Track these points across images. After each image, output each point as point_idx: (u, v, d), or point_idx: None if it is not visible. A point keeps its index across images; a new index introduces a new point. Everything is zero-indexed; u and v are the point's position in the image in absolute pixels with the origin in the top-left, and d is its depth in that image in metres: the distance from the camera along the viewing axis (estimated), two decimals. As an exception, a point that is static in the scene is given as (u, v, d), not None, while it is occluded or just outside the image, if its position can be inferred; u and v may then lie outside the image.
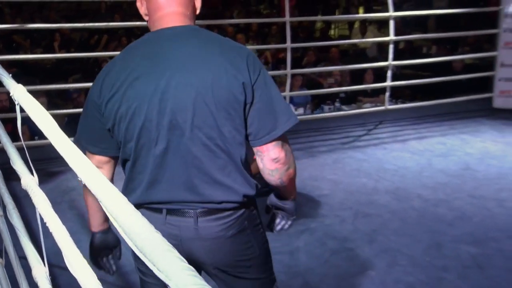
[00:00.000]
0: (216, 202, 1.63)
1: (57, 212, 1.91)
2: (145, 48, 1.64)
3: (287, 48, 6.24)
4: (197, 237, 1.64)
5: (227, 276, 1.75)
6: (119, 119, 1.62)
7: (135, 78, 1.58)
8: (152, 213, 1.66)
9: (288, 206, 1.88)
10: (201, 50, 1.59)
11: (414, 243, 3.46)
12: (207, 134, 1.58)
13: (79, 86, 6.18)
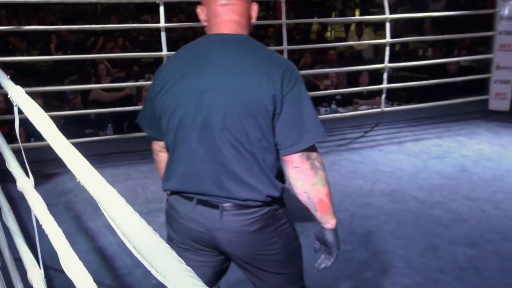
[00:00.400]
0: (240, 199, 1.74)
1: (53, 214, 1.91)
2: (195, 50, 1.81)
3: (284, 50, 6.25)
4: (221, 228, 1.77)
5: (250, 267, 1.87)
6: (164, 112, 1.80)
7: (181, 76, 1.75)
8: (184, 200, 1.82)
9: (328, 238, 1.88)
10: (242, 58, 1.73)
11: (410, 245, 3.46)
12: (235, 136, 1.71)
13: (75, 88, 6.18)
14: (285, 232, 1.87)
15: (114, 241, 3.45)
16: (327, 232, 1.87)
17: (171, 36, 9.94)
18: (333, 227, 1.86)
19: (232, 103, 1.69)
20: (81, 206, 4.06)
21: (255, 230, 1.78)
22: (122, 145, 5.62)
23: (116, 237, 3.39)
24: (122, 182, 4.62)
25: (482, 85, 7.00)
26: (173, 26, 8.31)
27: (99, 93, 6.70)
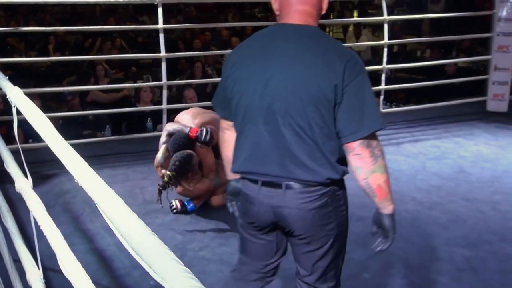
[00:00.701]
0: (302, 180, 1.87)
1: (51, 215, 1.91)
2: (264, 38, 1.92)
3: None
4: (284, 206, 1.90)
5: (303, 244, 1.99)
6: (232, 96, 1.94)
7: (249, 63, 1.88)
8: (250, 183, 1.96)
9: (385, 222, 1.99)
10: (307, 49, 1.83)
11: (408, 246, 3.46)
12: (298, 123, 1.82)
13: (73, 89, 6.18)
14: (341, 214, 2.00)
15: (112, 242, 3.45)
16: (384, 216, 1.98)
17: (169, 37, 9.96)
18: (390, 212, 1.98)
19: (295, 92, 1.80)
20: (79, 207, 4.06)
21: (315, 208, 1.90)
22: (120, 146, 5.61)
23: (114, 238, 3.39)
24: (120, 183, 4.62)
25: (480, 86, 7.02)
26: (171, 27, 8.31)
27: (97, 94, 6.69)
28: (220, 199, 4.08)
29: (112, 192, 0.94)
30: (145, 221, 1.06)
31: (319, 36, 1.90)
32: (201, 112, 4.19)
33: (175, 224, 3.84)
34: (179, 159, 3.64)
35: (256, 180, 1.94)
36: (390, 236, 2.00)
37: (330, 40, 1.93)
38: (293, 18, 1.88)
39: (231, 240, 3.58)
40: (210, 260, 3.32)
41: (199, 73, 7.32)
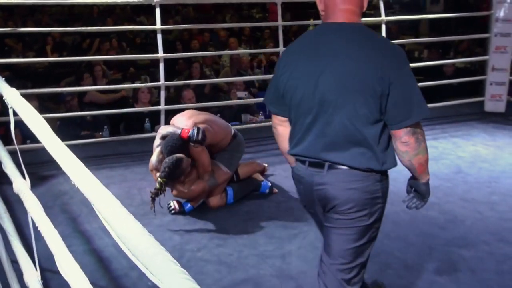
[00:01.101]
0: (343, 165, 2.06)
1: (49, 216, 1.91)
2: (313, 37, 2.11)
3: (280, 52, 6.26)
4: (325, 183, 2.10)
5: (336, 224, 2.16)
6: (286, 92, 2.15)
7: (301, 61, 2.08)
8: (300, 163, 2.20)
9: (421, 188, 2.25)
10: (354, 45, 2.00)
11: (406, 247, 3.47)
12: (346, 113, 2.00)
13: (71, 90, 6.16)
14: (376, 207, 2.14)
15: (109, 243, 3.45)
16: (421, 184, 2.25)
17: (167, 38, 9.96)
18: (426, 181, 2.24)
19: (344, 85, 1.98)
20: (77, 208, 4.06)
21: (354, 188, 2.07)
22: (118, 147, 5.61)
23: (111, 239, 3.38)
24: (118, 184, 4.62)
25: (478, 87, 7.02)
26: (169, 28, 8.32)
27: (94, 95, 6.68)
28: (218, 200, 4.08)
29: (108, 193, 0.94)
30: (143, 222, 1.06)
31: (364, 32, 2.05)
32: (196, 114, 4.18)
33: (173, 225, 3.84)
34: (168, 165, 3.62)
35: (304, 161, 2.17)
36: (426, 198, 2.28)
37: (374, 35, 2.08)
38: (339, 17, 2.05)
39: (229, 241, 3.58)
40: (208, 261, 3.32)
41: (197, 73, 7.32)
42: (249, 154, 5.10)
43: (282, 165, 5.07)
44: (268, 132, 6.14)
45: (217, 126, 4.09)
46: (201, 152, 3.85)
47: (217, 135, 4.03)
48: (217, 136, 4.02)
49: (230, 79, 7.30)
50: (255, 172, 4.52)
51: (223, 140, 4.11)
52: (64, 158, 1.12)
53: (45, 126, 1.30)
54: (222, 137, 4.10)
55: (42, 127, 1.33)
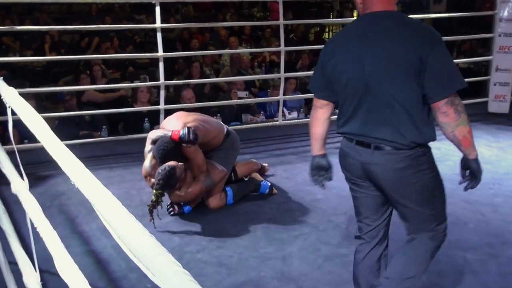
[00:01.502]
0: (389, 142, 2.27)
1: (47, 216, 1.91)
2: (356, 26, 2.38)
3: (281, 52, 6.26)
4: (373, 163, 2.33)
5: (394, 201, 2.41)
6: (334, 76, 2.39)
7: (346, 48, 2.34)
8: (347, 141, 2.43)
9: (472, 165, 2.40)
10: (393, 30, 2.25)
11: (408, 249, 3.46)
12: (390, 92, 2.23)
13: (70, 89, 6.16)
14: (426, 177, 2.33)
15: (108, 244, 3.45)
16: (471, 161, 2.39)
17: (168, 37, 9.96)
18: (475, 157, 2.39)
19: (387, 66, 2.22)
20: (75, 209, 4.06)
21: (399, 168, 2.28)
22: (117, 147, 5.61)
23: (110, 240, 3.39)
24: (117, 184, 4.62)
25: (481, 88, 7.02)
26: (169, 27, 8.32)
27: (92, 94, 6.69)
28: (217, 201, 4.08)
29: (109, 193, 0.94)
30: (142, 223, 1.06)
31: (401, 18, 2.31)
32: (185, 115, 4.18)
33: (172, 226, 3.84)
34: (162, 176, 3.61)
35: (352, 139, 2.39)
36: (478, 177, 2.42)
37: (411, 20, 2.32)
38: (377, 6, 2.30)
39: (229, 242, 3.59)
40: (208, 263, 3.33)
41: (197, 73, 7.32)
42: (250, 155, 5.10)
43: (283, 166, 5.08)
44: (268, 133, 6.20)
45: (208, 124, 4.09)
46: (195, 152, 3.85)
47: (209, 132, 4.03)
48: (209, 134, 4.02)
49: (231, 78, 7.30)
50: (253, 171, 4.53)
51: (215, 138, 4.10)
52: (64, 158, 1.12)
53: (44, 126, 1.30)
54: (214, 135, 4.09)
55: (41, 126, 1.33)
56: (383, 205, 2.53)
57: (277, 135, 6.14)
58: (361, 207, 2.59)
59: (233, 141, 4.24)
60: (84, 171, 1.04)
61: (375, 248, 2.61)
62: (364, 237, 2.62)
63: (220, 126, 4.25)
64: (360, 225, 2.63)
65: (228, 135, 4.21)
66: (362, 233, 2.63)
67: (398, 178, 2.31)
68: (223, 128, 4.24)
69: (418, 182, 2.32)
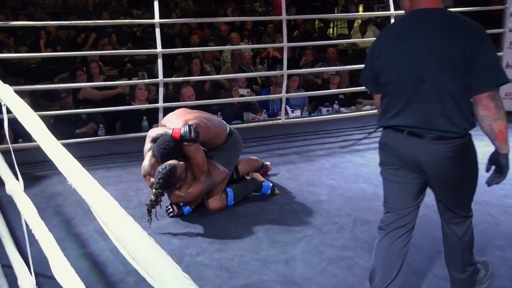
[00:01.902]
0: (442, 131, 2.45)
1: (43, 218, 1.92)
2: (406, 22, 2.58)
3: (284, 48, 6.26)
4: (426, 153, 2.49)
5: (440, 186, 2.60)
6: (384, 69, 2.57)
7: (397, 43, 2.52)
8: (395, 132, 2.58)
9: (502, 161, 2.60)
10: (442, 25, 2.45)
11: (415, 251, 3.46)
12: (442, 85, 2.43)
13: (65, 86, 6.17)
14: (473, 161, 2.59)
15: (105, 247, 3.45)
16: (502, 156, 2.59)
17: (168, 33, 9.96)
18: (507, 153, 2.59)
19: (438, 60, 2.41)
20: (71, 210, 4.07)
21: (451, 157, 2.47)
22: (114, 146, 5.62)
23: (107, 243, 3.40)
24: (114, 185, 4.63)
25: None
26: (168, 22, 8.32)
27: (89, 91, 6.70)
28: (217, 202, 4.08)
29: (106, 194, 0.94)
30: (141, 225, 1.07)
31: (449, 14, 2.51)
32: (186, 112, 4.18)
33: (172, 228, 3.84)
34: (162, 175, 3.62)
35: (402, 131, 2.54)
36: (505, 172, 2.61)
37: (458, 15, 2.50)
38: (425, 3, 2.49)
39: (230, 245, 3.59)
40: (208, 266, 3.33)
41: (197, 70, 7.33)
42: (251, 154, 5.10)
43: (286, 166, 5.08)
44: (271, 132, 6.20)
45: (210, 122, 4.09)
46: (196, 151, 3.85)
47: (210, 130, 4.03)
48: (210, 132, 4.02)
49: (232, 75, 7.31)
50: (254, 168, 4.52)
51: (217, 137, 4.10)
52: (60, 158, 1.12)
53: (40, 124, 1.31)
54: (216, 134, 4.09)
55: (36, 125, 1.33)
56: (418, 196, 2.68)
57: (280, 134, 6.14)
58: (396, 196, 2.71)
59: (236, 141, 4.24)
60: (80, 171, 1.04)
61: (403, 236, 2.73)
62: (392, 226, 2.73)
63: (222, 124, 4.25)
64: (390, 214, 2.74)
65: (230, 134, 4.21)
66: (390, 222, 2.73)
67: (450, 165, 2.49)
68: (225, 127, 4.24)
69: (467, 168, 2.57)
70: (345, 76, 7.97)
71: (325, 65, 8.18)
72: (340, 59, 8.84)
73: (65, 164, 1.10)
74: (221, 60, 8.87)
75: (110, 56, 8.51)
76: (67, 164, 1.10)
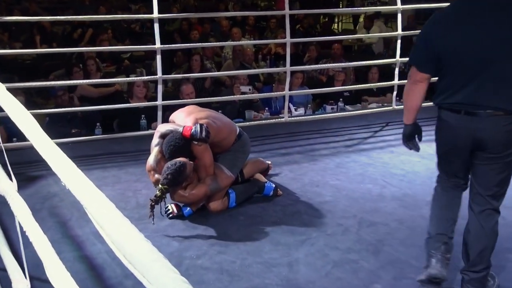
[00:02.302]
0: (501, 108, 2.72)
1: (37, 220, 1.92)
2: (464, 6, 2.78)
3: (287, 43, 6.26)
4: (483, 128, 2.76)
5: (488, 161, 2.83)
6: (445, 52, 2.80)
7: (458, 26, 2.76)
8: (451, 112, 2.84)
9: None
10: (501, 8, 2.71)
11: (423, 254, 3.45)
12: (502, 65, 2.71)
13: (61, 84, 6.17)
14: None
15: (103, 250, 3.46)
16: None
17: (168, 29, 9.96)
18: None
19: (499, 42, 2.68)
20: (67, 212, 4.07)
21: (506, 131, 2.74)
22: (111, 146, 5.62)
23: (105, 245, 3.39)
24: (111, 185, 4.63)
25: None
26: (167, 17, 8.32)
27: (85, 88, 6.70)
28: (218, 204, 4.07)
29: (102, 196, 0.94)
30: (138, 227, 1.06)
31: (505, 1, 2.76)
32: (197, 110, 4.19)
33: (171, 230, 3.85)
34: (171, 171, 3.63)
35: (459, 110, 2.80)
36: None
37: None
38: None
39: (231, 247, 3.59)
40: (209, 269, 3.33)
41: (197, 66, 7.33)
42: (253, 154, 5.09)
43: (289, 166, 5.08)
44: (273, 130, 6.20)
45: (221, 122, 4.09)
46: (204, 152, 3.86)
47: (221, 131, 4.03)
48: (221, 132, 4.02)
49: (233, 72, 7.31)
50: (260, 171, 4.52)
51: (226, 139, 4.10)
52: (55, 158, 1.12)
53: (34, 123, 1.31)
54: (226, 135, 4.09)
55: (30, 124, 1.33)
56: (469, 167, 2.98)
57: (283, 133, 6.14)
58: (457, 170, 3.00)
59: (244, 144, 4.22)
60: (76, 172, 1.04)
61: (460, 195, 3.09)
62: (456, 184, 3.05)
63: (232, 126, 4.24)
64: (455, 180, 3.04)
65: (239, 136, 4.19)
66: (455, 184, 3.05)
67: (502, 139, 2.75)
68: (235, 128, 4.22)
69: None
70: (351, 73, 7.97)
71: (329, 61, 8.19)
72: (345, 55, 8.84)
73: (59, 164, 1.10)
74: (222, 57, 8.87)
75: (107, 53, 8.51)
76: (62, 164, 1.09)
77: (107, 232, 0.83)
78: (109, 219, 0.85)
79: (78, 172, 1.06)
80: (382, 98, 7.32)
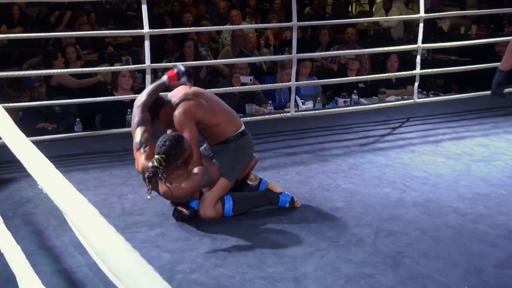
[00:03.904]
0: None
1: (9, 229, 1.92)
2: None
3: (293, 27, 6.26)
4: None
5: None
6: None
7: None
8: None
9: None
10: None
11: (448, 268, 3.47)
12: None
13: (36, 73, 6.18)
14: None
15: (83, 262, 3.46)
16: None
17: (157, 12, 9.96)
18: None
19: None
20: (43, 219, 4.08)
21: None
22: (93, 144, 5.62)
23: (86, 257, 3.40)
24: (93, 189, 4.63)
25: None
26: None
27: (63, 77, 6.70)
28: (210, 210, 4.02)
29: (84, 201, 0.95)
30: (125, 236, 1.06)
31: None
32: (187, 88, 4.24)
33: (161, 240, 3.85)
34: (169, 138, 3.65)
35: None
36: None
37: None
38: None
39: (230, 260, 3.59)
40: (204, 285, 3.33)
41: (190, 54, 7.34)
42: (254, 154, 5.10)
43: (295, 167, 5.08)
44: (278, 127, 6.21)
45: (217, 106, 4.12)
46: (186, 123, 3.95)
47: (215, 113, 4.02)
48: (214, 115, 4.01)
49: (232, 60, 7.31)
50: (251, 167, 4.44)
51: (221, 126, 4.06)
52: (30, 158, 1.13)
53: (6, 118, 1.31)
54: (220, 121, 4.06)
55: (2, 119, 1.34)
56: None
57: (289, 130, 6.14)
58: None
59: (246, 145, 4.18)
60: (54, 174, 1.05)
61: None
62: None
63: (233, 116, 4.21)
64: None
65: (243, 134, 4.16)
66: None
67: None
68: (237, 121, 4.18)
69: None
70: (366, 61, 7.97)
71: (342, 48, 8.18)
72: (360, 41, 8.84)
73: (35, 165, 1.10)
74: (219, 43, 8.87)
75: (88, 38, 8.51)
76: (37, 165, 1.10)
77: (89, 242, 0.84)
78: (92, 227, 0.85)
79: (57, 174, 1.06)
80: (402, 91, 7.32)
